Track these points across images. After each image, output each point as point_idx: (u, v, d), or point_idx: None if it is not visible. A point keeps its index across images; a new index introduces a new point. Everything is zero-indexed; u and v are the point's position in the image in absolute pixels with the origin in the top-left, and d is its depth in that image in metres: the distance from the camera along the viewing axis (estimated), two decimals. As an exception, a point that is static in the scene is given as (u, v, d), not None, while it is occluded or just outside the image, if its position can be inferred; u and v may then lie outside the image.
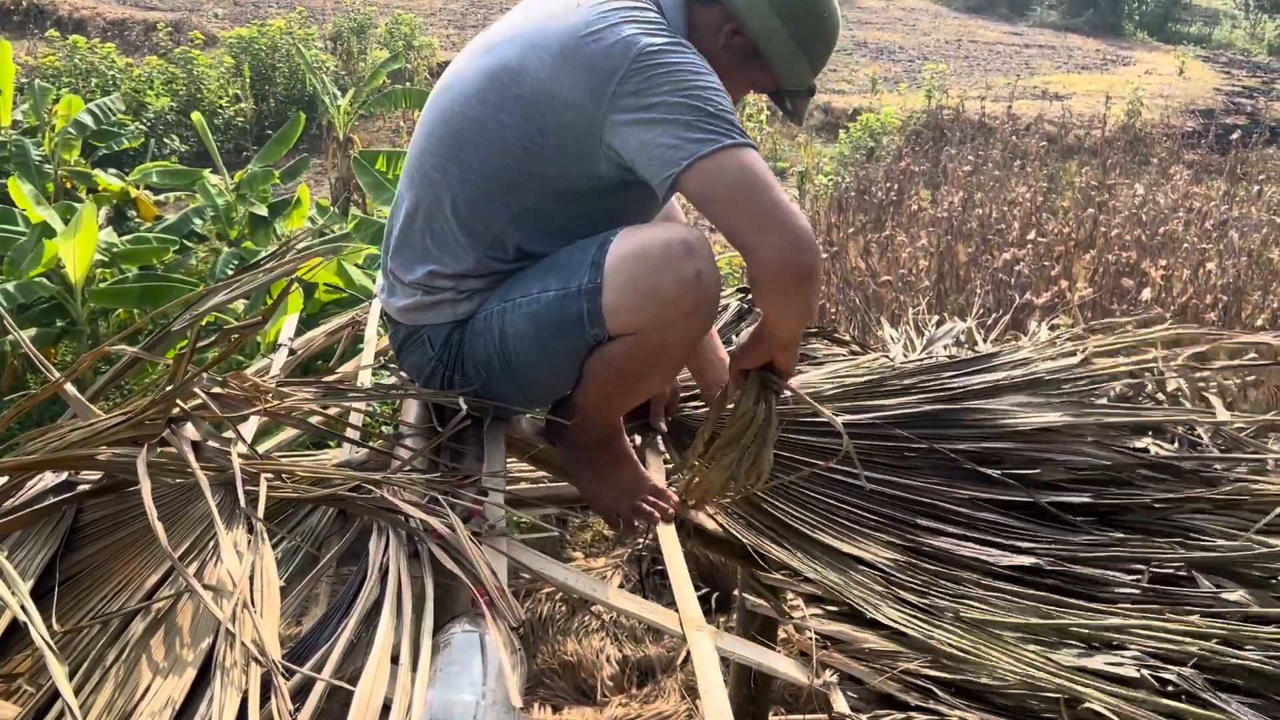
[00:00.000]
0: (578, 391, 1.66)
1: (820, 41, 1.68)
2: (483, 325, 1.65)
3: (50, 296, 4.95)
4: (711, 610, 3.55)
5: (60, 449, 1.37)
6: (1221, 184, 8.71)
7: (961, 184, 8.18)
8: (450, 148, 1.63)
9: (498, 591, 1.22)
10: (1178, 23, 18.59)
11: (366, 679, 1.05)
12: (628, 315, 1.51)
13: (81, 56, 9.75)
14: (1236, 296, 5.31)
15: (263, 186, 6.25)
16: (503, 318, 1.63)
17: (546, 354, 1.60)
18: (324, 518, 1.53)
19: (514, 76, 1.56)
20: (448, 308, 1.69)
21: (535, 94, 1.54)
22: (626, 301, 1.51)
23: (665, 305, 1.50)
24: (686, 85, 1.46)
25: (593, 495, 1.75)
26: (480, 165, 1.60)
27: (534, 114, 1.55)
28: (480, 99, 1.59)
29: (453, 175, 1.63)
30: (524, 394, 1.70)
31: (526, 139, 1.56)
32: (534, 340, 1.60)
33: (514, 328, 1.61)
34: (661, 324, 1.52)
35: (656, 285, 1.49)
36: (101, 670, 1.10)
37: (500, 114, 1.57)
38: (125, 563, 1.30)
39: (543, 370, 1.64)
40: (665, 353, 1.57)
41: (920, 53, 14.75)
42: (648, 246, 1.51)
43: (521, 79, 1.55)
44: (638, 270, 1.50)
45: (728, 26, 1.63)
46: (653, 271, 1.49)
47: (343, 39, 11.88)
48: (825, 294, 5.63)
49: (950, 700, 1.44)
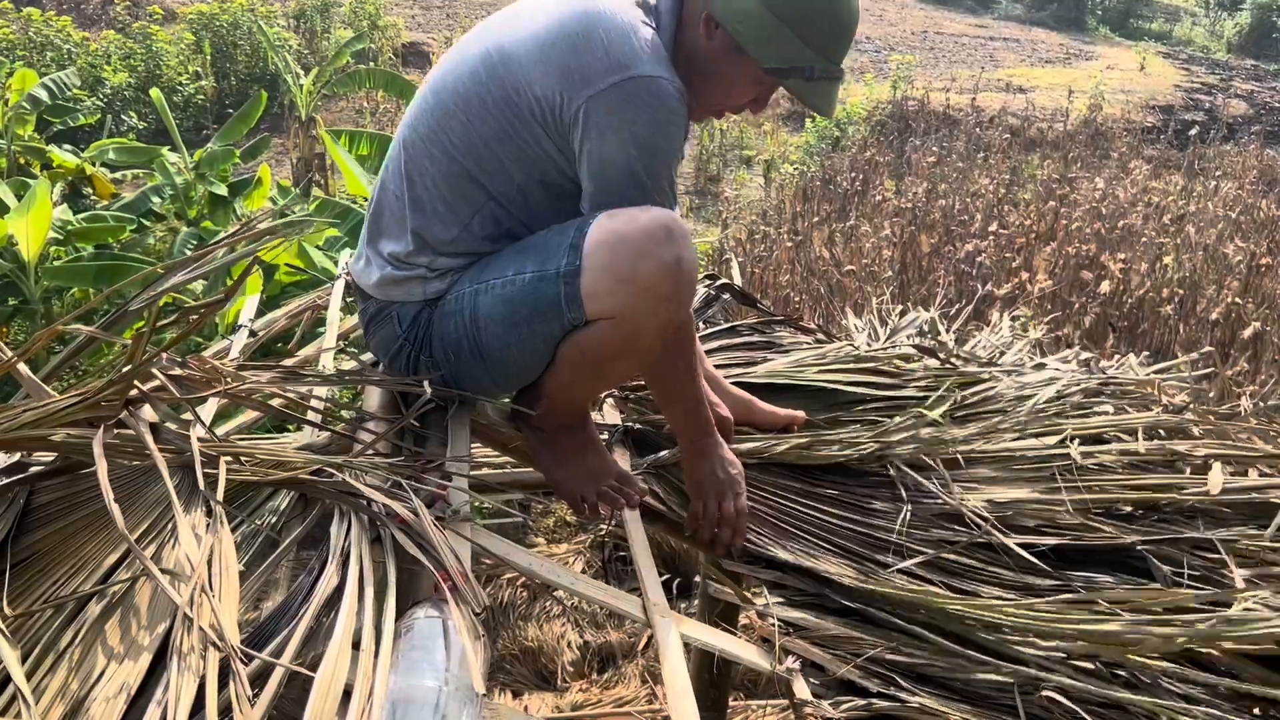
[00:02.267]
0: (548, 376, 1.64)
1: (814, 13, 1.56)
2: (454, 306, 1.64)
3: (2, 275, 4.84)
4: (673, 596, 3.56)
5: (13, 429, 1.33)
6: (1179, 179, 8.85)
7: (926, 175, 8.25)
8: (437, 121, 1.62)
9: (461, 576, 1.21)
10: (1139, 19, 18.82)
11: (327, 665, 1.04)
12: (607, 299, 1.50)
13: (36, 29, 9.54)
14: (1192, 290, 5.40)
15: (223, 166, 6.15)
16: (475, 299, 1.61)
17: (520, 338, 1.59)
18: (284, 502, 1.51)
19: (504, 60, 1.56)
20: (418, 284, 1.67)
21: (519, 80, 1.54)
22: (605, 285, 1.49)
23: (644, 290, 1.49)
24: (642, 138, 1.51)
25: (558, 480, 1.74)
26: (463, 143, 1.59)
27: (515, 99, 1.55)
28: (472, 77, 1.60)
29: (437, 148, 1.62)
30: (492, 378, 1.68)
31: (506, 123, 1.56)
32: (508, 323, 1.58)
33: (487, 310, 1.59)
34: (639, 309, 1.51)
35: (636, 269, 1.48)
36: (55, 655, 1.08)
37: (486, 95, 1.57)
38: (79, 546, 1.27)
39: (515, 354, 1.62)
40: (641, 338, 1.56)
41: (887, 43, 14.82)
42: (628, 231, 1.50)
43: (510, 63, 1.55)
44: (618, 254, 1.49)
45: (703, 14, 1.60)
46: (633, 256, 1.48)
47: (306, 17, 11.71)
48: (790, 283, 5.65)
49: (911, 687, 1.45)
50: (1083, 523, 1.77)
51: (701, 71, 1.62)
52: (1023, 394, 2.16)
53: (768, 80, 1.63)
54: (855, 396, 2.12)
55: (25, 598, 1.19)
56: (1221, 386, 4.13)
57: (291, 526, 1.38)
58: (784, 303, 5.37)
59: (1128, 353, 3.04)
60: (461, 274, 1.66)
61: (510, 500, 3.14)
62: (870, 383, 2.15)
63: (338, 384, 1.74)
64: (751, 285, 5.59)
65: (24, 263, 4.80)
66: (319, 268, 4.35)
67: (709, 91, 1.65)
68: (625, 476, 1.73)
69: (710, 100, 1.67)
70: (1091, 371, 2.39)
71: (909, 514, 1.77)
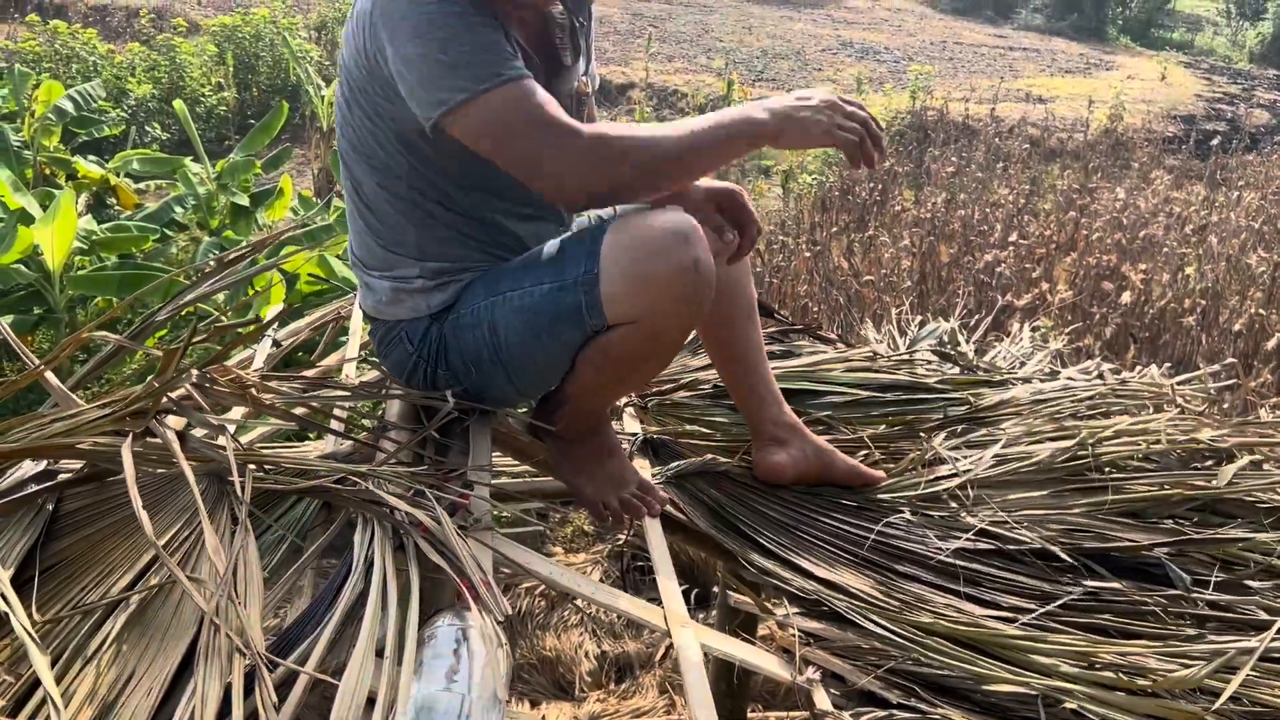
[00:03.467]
0: (569, 382, 1.65)
1: None
2: (470, 320, 1.65)
3: (28, 284, 4.90)
4: (691, 606, 3.55)
5: (45, 439, 1.35)
6: (1201, 189, 8.79)
7: (945, 185, 8.22)
8: (342, 128, 1.66)
9: (484, 584, 1.21)
10: (1160, 28, 18.72)
11: (351, 672, 1.05)
12: (627, 303, 1.51)
13: (63, 42, 9.65)
14: (1215, 301, 5.35)
15: (244, 176, 6.20)
16: (492, 312, 1.62)
17: (543, 346, 1.60)
18: (308, 510, 1.53)
19: (346, 44, 1.59)
20: (421, 298, 1.68)
21: (352, 55, 1.57)
22: (625, 290, 1.50)
23: (663, 292, 1.50)
24: (424, 40, 1.45)
25: (579, 488, 1.75)
26: (359, 139, 1.62)
27: (356, 74, 1.57)
28: (339, 90, 1.65)
29: (348, 159, 1.66)
30: (515, 386, 1.69)
31: (366, 99, 1.58)
32: (528, 333, 1.59)
33: (506, 322, 1.60)
34: (659, 311, 1.51)
35: (652, 272, 1.49)
36: (83, 660, 1.09)
37: (341, 97, 1.62)
38: (107, 552, 1.29)
39: (538, 363, 1.63)
40: (662, 340, 1.58)
41: (905, 54, 14.79)
42: (645, 234, 1.51)
43: (347, 42, 1.59)
44: (636, 258, 1.50)
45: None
46: (651, 258, 1.50)
47: (327, 28, 11.80)
48: (809, 293, 5.64)
49: (932, 699, 1.45)
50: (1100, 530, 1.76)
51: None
52: (1040, 399, 2.15)
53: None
54: (875, 400, 2.12)
55: (53, 604, 1.21)
56: (1244, 398, 4.10)
57: (315, 534, 1.39)
58: (802, 313, 5.37)
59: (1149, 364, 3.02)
60: (464, 282, 1.67)
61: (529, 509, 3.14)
62: (892, 384, 2.15)
63: (363, 399, 1.75)
64: (770, 296, 5.58)
65: (49, 272, 4.85)
66: (339, 277, 4.38)
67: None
68: (646, 485, 1.73)
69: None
70: (1107, 379, 2.38)
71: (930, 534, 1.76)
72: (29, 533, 1.29)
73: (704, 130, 1.52)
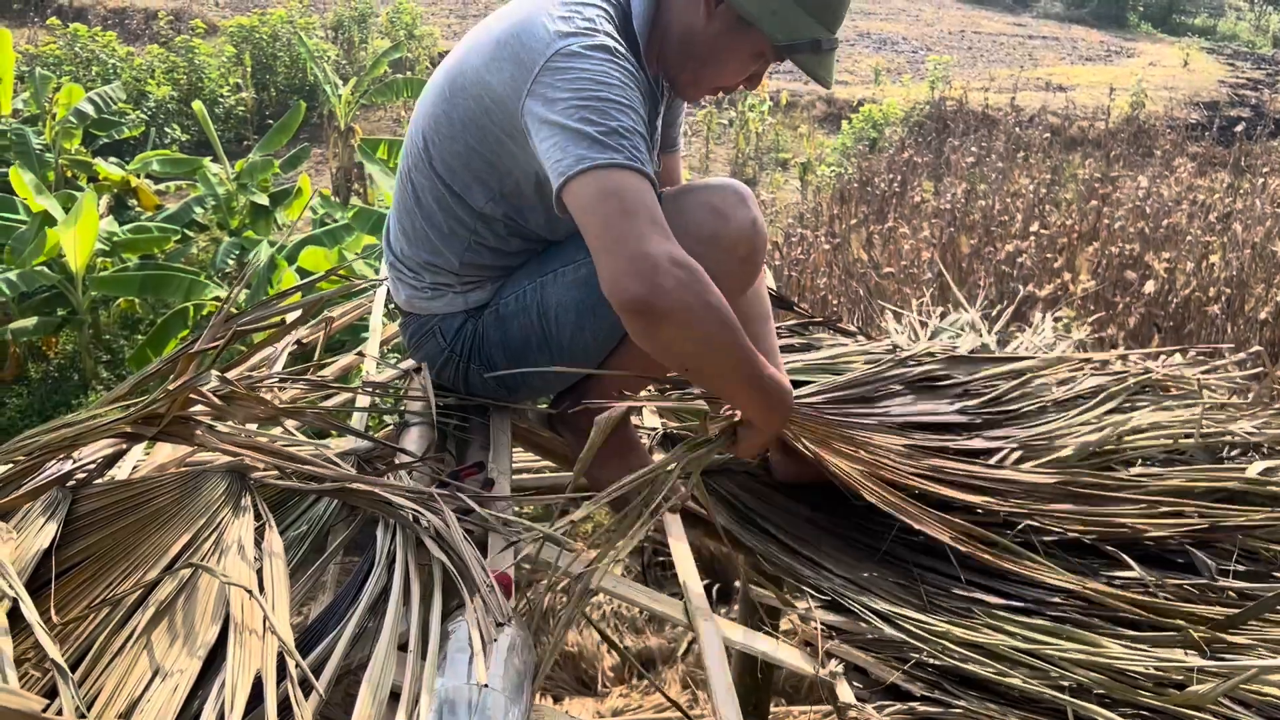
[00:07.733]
0: (613, 359, 1.66)
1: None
2: (515, 307, 1.66)
3: (51, 285, 4.94)
4: (713, 601, 3.54)
5: (64, 440, 1.36)
6: (1225, 176, 8.70)
7: (964, 175, 8.17)
8: (428, 136, 1.64)
9: (506, 579, 1.21)
10: (1182, 14, 18.54)
11: (375, 666, 1.05)
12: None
13: (82, 45, 9.73)
14: (1240, 289, 5.30)
15: (263, 175, 6.24)
16: (541, 292, 1.63)
17: (597, 320, 1.61)
18: (329, 506, 1.53)
19: (461, 70, 1.59)
20: (458, 296, 1.69)
21: (475, 86, 1.55)
22: (687, 248, 1.42)
23: (725, 252, 1.54)
24: (585, 96, 1.43)
25: (600, 482, 1.75)
26: (450, 156, 1.62)
27: (477, 108, 1.56)
28: (439, 94, 1.63)
29: (434, 159, 1.64)
30: (555, 373, 1.68)
31: (475, 131, 1.57)
32: (581, 308, 1.60)
33: (557, 298, 1.62)
34: (723, 272, 1.49)
35: (717, 231, 1.54)
36: (108, 658, 1.09)
37: (452, 110, 1.59)
38: (127, 552, 1.29)
39: (588, 340, 1.64)
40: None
41: (924, 44, 14.71)
42: (705, 196, 1.56)
43: (466, 72, 1.57)
44: (699, 219, 1.53)
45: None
46: (713, 218, 1.54)
47: (344, 28, 11.85)
48: (828, 285, 5.62)
49: (956, 691, 1.44)
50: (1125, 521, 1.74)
51: (698, 54, 1.61)
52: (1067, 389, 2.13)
53: (771, 55, 1.62)
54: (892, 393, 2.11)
55: (74, 603, 1.21)
56: (1271, 386, 4.05)
57: (337, 530, 1.39)
58: (822, 305, 5.35)
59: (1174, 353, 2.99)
60: (506, 276, 1.67)
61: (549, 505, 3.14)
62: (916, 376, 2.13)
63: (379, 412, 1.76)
64: (789, 288, 5.57)
65: (72, 274, 4.89)
66: (358, 275, 4.40)
67: (707, 73, 1.65)
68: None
69: (707, 81, 1.67)
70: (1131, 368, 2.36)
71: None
72: (47, 532, 1.30)
73: (754, 357, 1.48)
